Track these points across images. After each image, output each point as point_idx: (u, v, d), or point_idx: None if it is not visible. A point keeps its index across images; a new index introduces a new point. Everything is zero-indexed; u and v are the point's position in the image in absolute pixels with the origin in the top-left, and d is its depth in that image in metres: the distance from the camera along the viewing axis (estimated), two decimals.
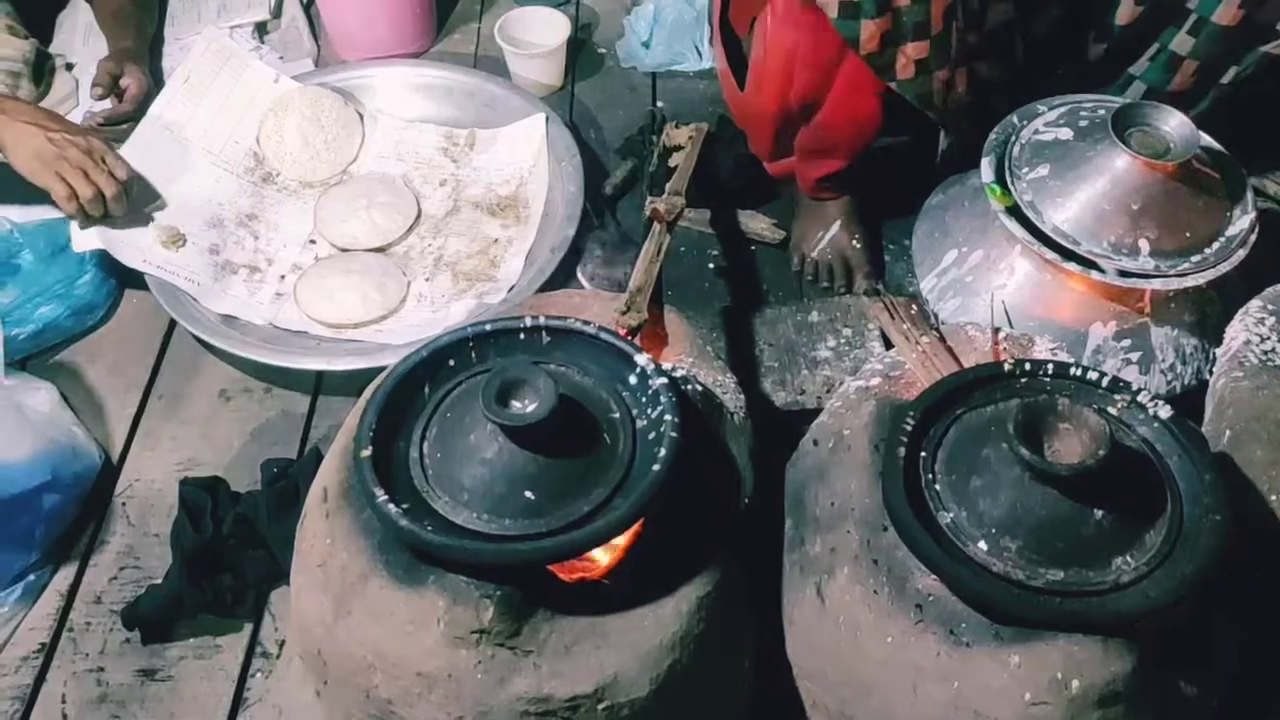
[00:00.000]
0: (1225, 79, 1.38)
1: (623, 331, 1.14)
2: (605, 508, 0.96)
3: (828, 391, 1.41)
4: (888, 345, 1.43)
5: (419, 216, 1.65)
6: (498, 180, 1.69)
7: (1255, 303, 1.22)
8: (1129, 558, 0.94)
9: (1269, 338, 1.18)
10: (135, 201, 1.52)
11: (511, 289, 1.53)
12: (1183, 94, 1.39)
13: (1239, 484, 1.07)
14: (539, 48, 1.83)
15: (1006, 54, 1.37)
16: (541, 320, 1.08)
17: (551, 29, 1.85)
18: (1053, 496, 0.94)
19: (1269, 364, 1.15)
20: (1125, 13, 1.34)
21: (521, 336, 1.08)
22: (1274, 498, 1.04)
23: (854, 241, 1.54)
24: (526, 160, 1.69)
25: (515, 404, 0.97)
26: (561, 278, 1.53)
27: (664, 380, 1.02)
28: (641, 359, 1.04)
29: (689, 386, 1.10)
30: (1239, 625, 1.01)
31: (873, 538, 1.00)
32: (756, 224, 1.64)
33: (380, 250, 1.62)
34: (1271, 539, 1.03)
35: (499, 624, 0.92)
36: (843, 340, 1.47)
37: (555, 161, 1.66)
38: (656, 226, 1.27)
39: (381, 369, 1.07)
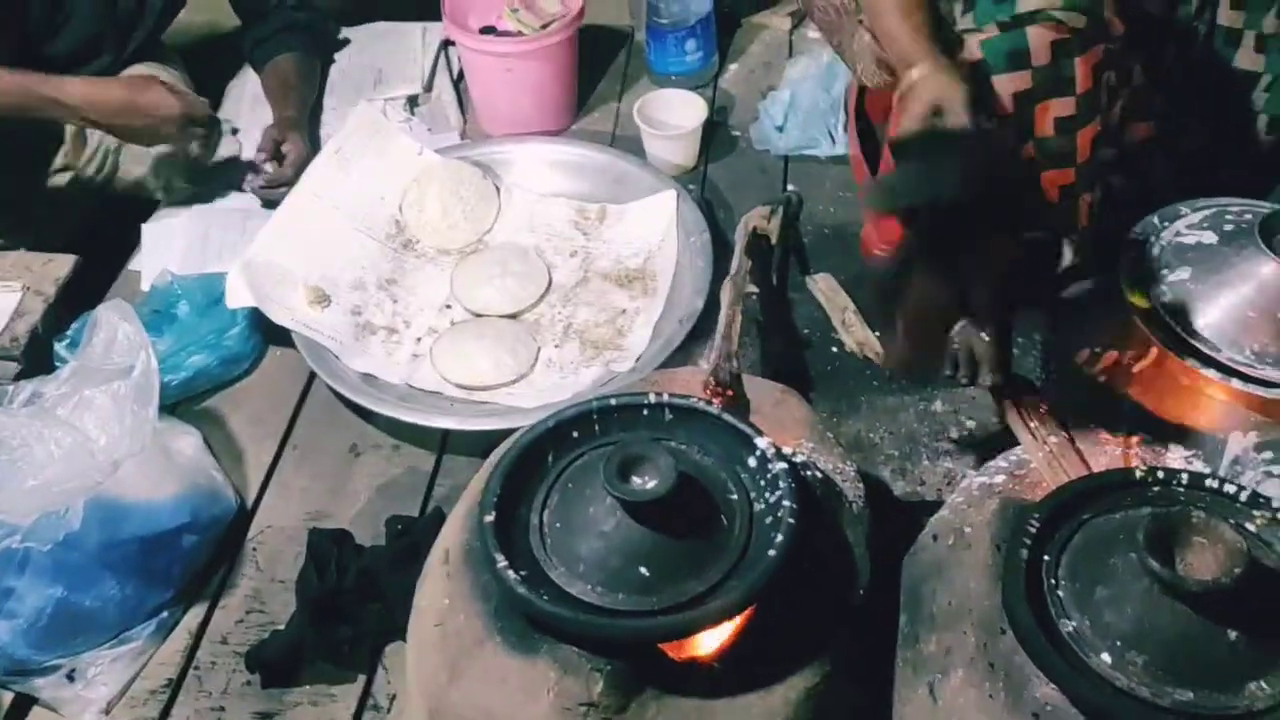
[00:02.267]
0: None
1: (712, 384, 1.19)
2: (719, 589, 0.97)
3: (948, 484, 1.39)
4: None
5: (550, 285, 1.70)
6: (627, 253, 1.74)
7: None
8: (1265, 683, 0.90)
9: None
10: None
11: (639, 359, 1.55)
12: None
13: None
14: (675, 129, 1.87)
15: (1141, 174, 1.36)
16: (665, 398, 1.10)
17: (689, 111, 1.89)
18: (1183, 613, 0.91)
19: None
20: (1264, 138, 1.33)
21: (645, 412, 1.10)
22: None
23: (981, 332, 1.53)
24: (656, 235, 1.73)
25: (635, 479, 0.98)
26: (689, 350, 1.55)
27: (784, 465, 1.03)
28: (762, 442, 1.05)
29: (808, 472, 1.10)
30: None
31: (990, 641, 0.98)
32: (857, 335, 1.62)
33: (512, 317, 1.67)
34: None
35: (607, 698, 0.93)
36: (967, 432, 1.45)
37: (684, 236, 1.69)
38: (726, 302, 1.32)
39: (509, 430, 1.10)
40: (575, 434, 1.09)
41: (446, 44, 2.09)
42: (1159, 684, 0.90)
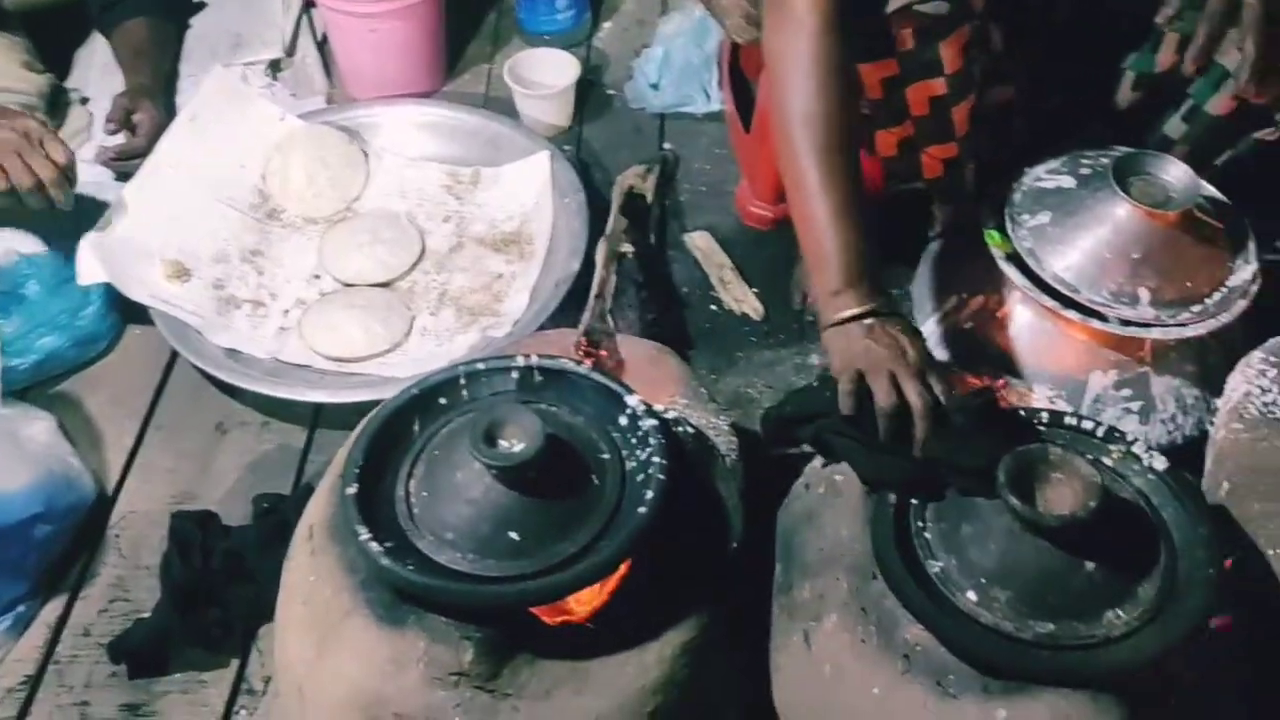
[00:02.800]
0: (1219, 161, 1.37)
1: (584, 344, 1.19)
2: (590, 550, 0.96)
3: None
4: None
5: (423, 252, 1.66)
6: (501, 217, 1.70)
7: (1256, 354, 1.21)
8: (1120, 611, 0.92)
9: (1270, 389, 1.17)
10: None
11: (516, 324, 1.53)
12: None
13: (1236, 537, 1.05)
14: (547, 88, 1.84)
15: (1001, 134, 1.38)
16: (534, 360, 1.08)
17: (561, 70, 1.86)
18: (1044, 548, 0.93)
19: (1269, 416, 1.14)
20: (1124, 97, 1.35)
21: (514, 375, 1.08)
22: (1271, 551, 1.03)
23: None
24: (530, 197, 1.70)
25: (503, 443, 0.96)
26: (567, 313, 1.52)
27: (654, 422, 1.02)
28: (632, 400, 1.04)
29: (680, 428, 1.09)
30: (1238, 678, 0.99)
31: (862, 585, 0.99)
32: (735, 292, 1.62)
33: (384, 285, 1.62)
34: (1268, 592, 1.01)
35: (478, 666, 0.91)
36: None
37: (559, 198, 1.67)
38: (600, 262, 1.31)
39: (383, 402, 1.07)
40: (442, 401, 1.07)
41: (309, 5, 2.01)
42: (1022, 618, 0.92)
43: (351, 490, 0.97)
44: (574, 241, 1.61)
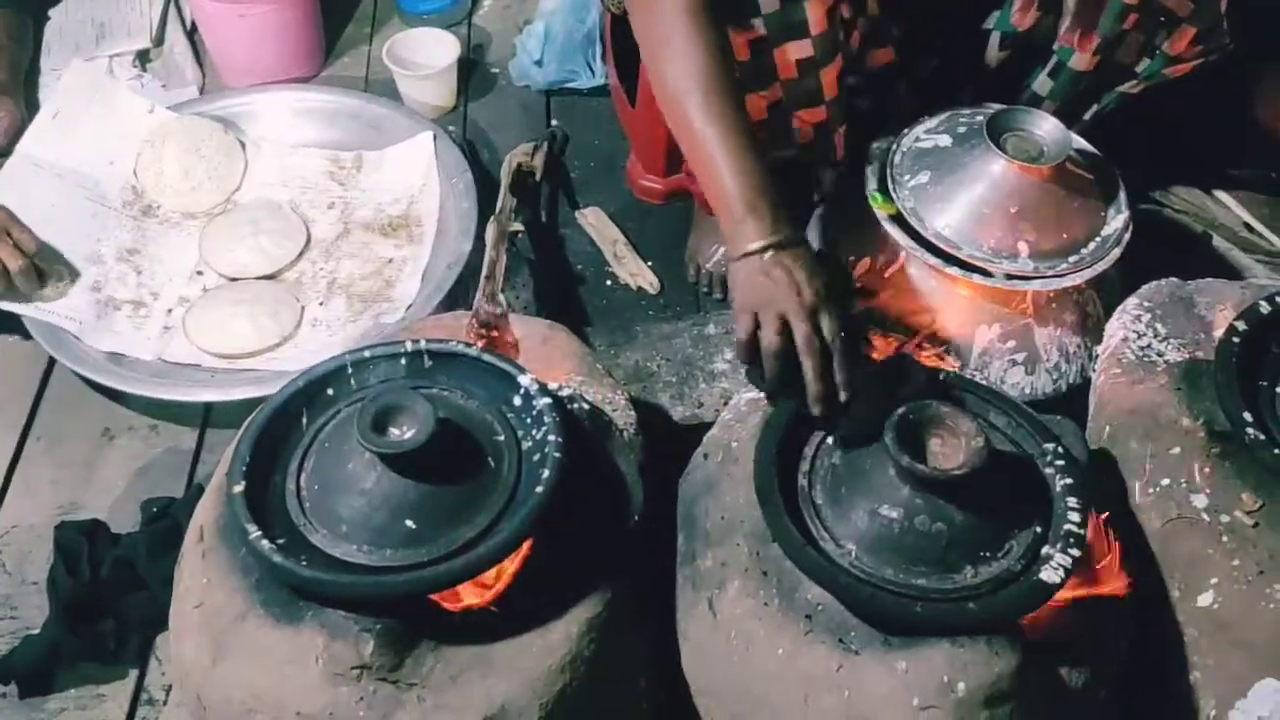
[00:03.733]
0: (1086, 115, 1.41)
1: (475, 326, 1.16)
2: (489, 533, 0.95)
3: (725, 404, 1.41)
4: None
5: (309, 241, 1.62)
6: (387, 200, 1.67)
7: (1132, 300, 1.25)
8: (1008, 557, 0.95)
9: (1145, 334, 1.20)
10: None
11: (409, 308, 1.51)
12: None
13: (1116, 479, 1.08)
14: (428, 69, 1.81)
15: (887, 98, 1.39)
16: (423, 344, 1.06)
17: (441, 50, 1.83)
18: (934, 502, 0.94)
19: (1145, 360, 1.17)
20: (994, 56, 1.38)
21: (403, 361, 1.06)
22: (1150, 490, 1.06)
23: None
24: (416, 179, 1.67)
25: (393, 430, 0.95)
26: (460, 295, 1.50)
27: (548, 400, 1.01)
28: (525, 379, 1.03)
29: (575, 405, 1.09)
30: (1127, 617, 1.02)
31: (762, 549, 1.00)
32: (629, 266, 1.62)
33: (271, 277, 1.58)
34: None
35: (380, 658, 0.89)
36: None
37: (446, 179, 1.64)
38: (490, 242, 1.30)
39: None
40: (330, 391, 1.05)
41: None
42: (915, 570, 0.94)
43: (239, 488, 0.94)
44: (464, 222, 1.59)
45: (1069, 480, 0.97)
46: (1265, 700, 1.01)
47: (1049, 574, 0.92)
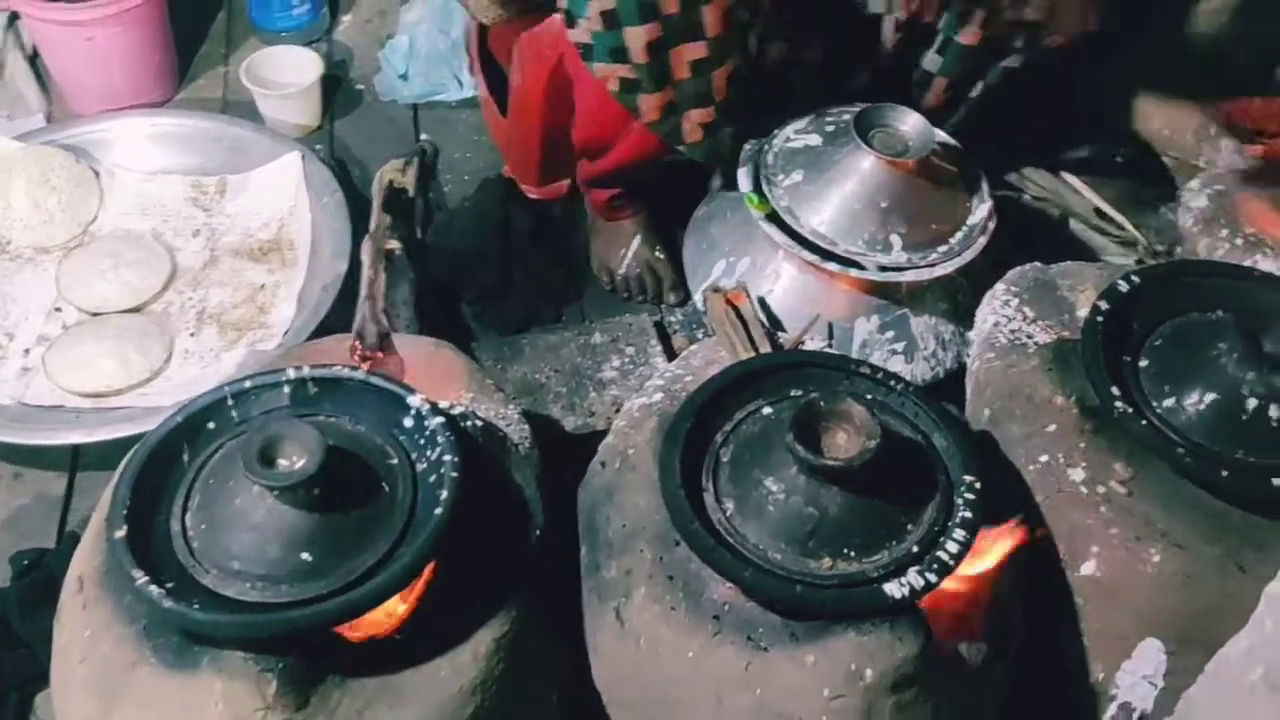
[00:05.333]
0: (974, 93, 1.47)
1: (359, 348, 1.14)
2: (389, 560, 0.93)
3: (617, 411, 1.41)
4: (670, 359, 1.45)
5: (174, 271, 1.56)
6: (256, 225, 1.62)
7: (1000, 286, 1.29)
8: (907, 541, 0.97)
9: (1014, 318, 1.25)
10: None
11: (286, 334, 1.47)
12: (941, 108, 1.48)
13: (1000, 459, 1.12)
14: (290, 87, 1.76)
15: (782, 88, 1.42)
16: (305, 370, 1.03)
17: (303, 67, 1.79)
18: (833, 491, 0.96)
19: (1017, 343, 1.22)
20: (889, 38, 1.43)
21: (286, 390, 1.03)
22: (1031, 468, 1.10)
23: (657, 253, 1.56)
24: (285, 202, 1.62)
25: (281, 461, 0.92)
26: (339, 318, 1.47)
27: (440, 420, 1.00)
28: (415, 400, 1.01)
29: (468, 423, 1.07)
30: (1019, 591, 1.06)
31: (665, 554, 1.00)
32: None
33: (135, 310, 1.52)
34: (1032, 509, 1.08)
35: (284, 698, 0.87)
36: (626, 359, 1.48)
37: (316, 199, 1.61)
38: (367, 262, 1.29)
39: None
40: (211, 425, 1.01)
41: (12, 17, 1.85)
42: (819, 559, 0.95)
43: (120, 533, 0.90)
44: (337, 242, 1.55)
45: (963, 465, 1.00)
46: (1149, 659, 1.06)
47: (945, 555, 0.95)
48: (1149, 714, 1.08)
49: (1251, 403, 1.04)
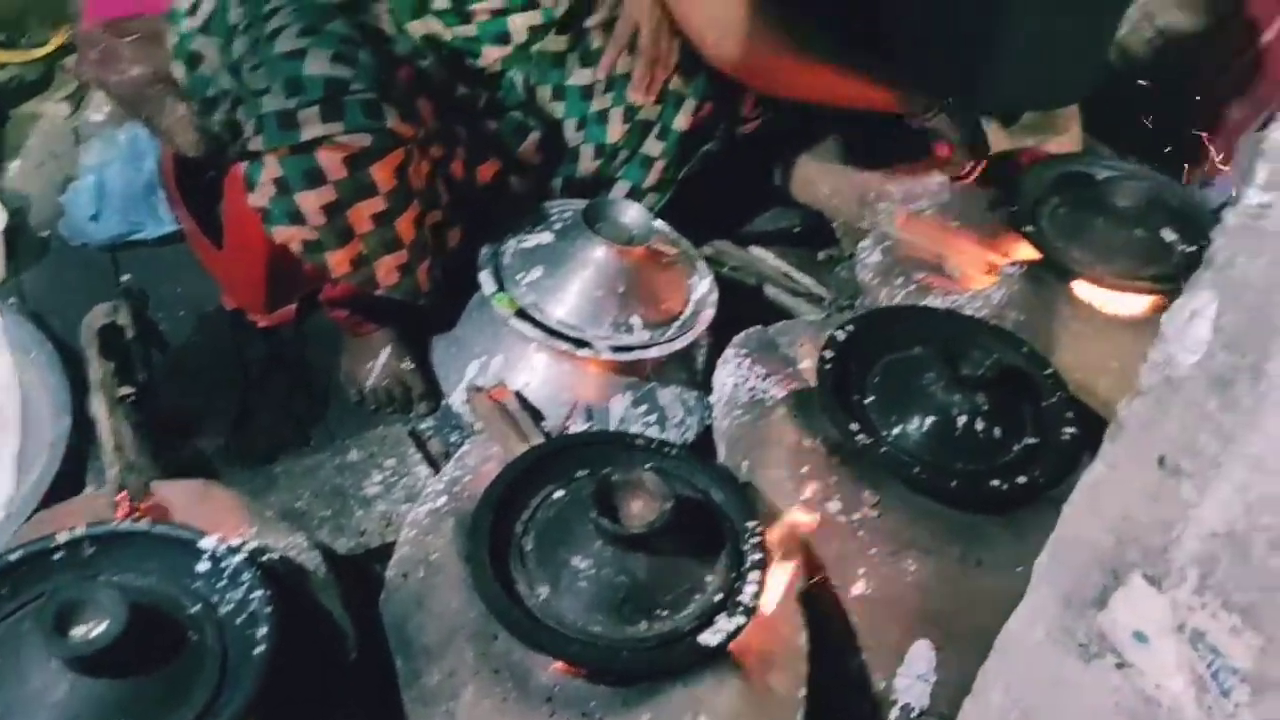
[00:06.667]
0: (683, 173, 1.62)
1: (123, 502, 1.10)
2: (211, 711, 0.89)
3: (388, 526, 1.41)
4: (432, 466, 1.47)
5: None
6: None
7: (730, 350, 1.43)
8: (709, 592, 1.05)
9: (749, 377, 1.38)
10: None
11: (10, 500, 1.35)
12: (655, 188, 1.63)
13: (768, 504, 1.23)
14: None
15: (496, 198, 1.49)
16: (80, 531, 0.98)
17: None
18: (638, 556, 1.03)
19: (756, 399, 1.34)
20: (615, 131, 1.55)
21: (60, 555, 0.97)
22: (793, 509, 1.22)
23: (405, 363, 1.56)
24: None
25: (77, 630, 0.87)
26: (73, 476, 1.37)
27: (240, 558, 0.98)
28: (208, 542, 0.99)
29: (265, 556, 1.05)
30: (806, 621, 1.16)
31: (487, 648, 1.02)
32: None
33: None
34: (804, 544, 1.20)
35: None
36: (388, 471, 1.48)
37: (22, 356, 1.50)
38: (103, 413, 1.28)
39: None
40: None
41: None
42: (635, 623, 1.01)
43: None
44: (55, 398, 1.46)
45: (743, 514, 1.10)
46: (920, 659, 1.19)
47: (745, 599, 1.03)
48: (926, 709, 1.21)
49: (961, 419, 1.21)
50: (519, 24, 1.44)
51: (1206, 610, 0.62)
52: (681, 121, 1.57)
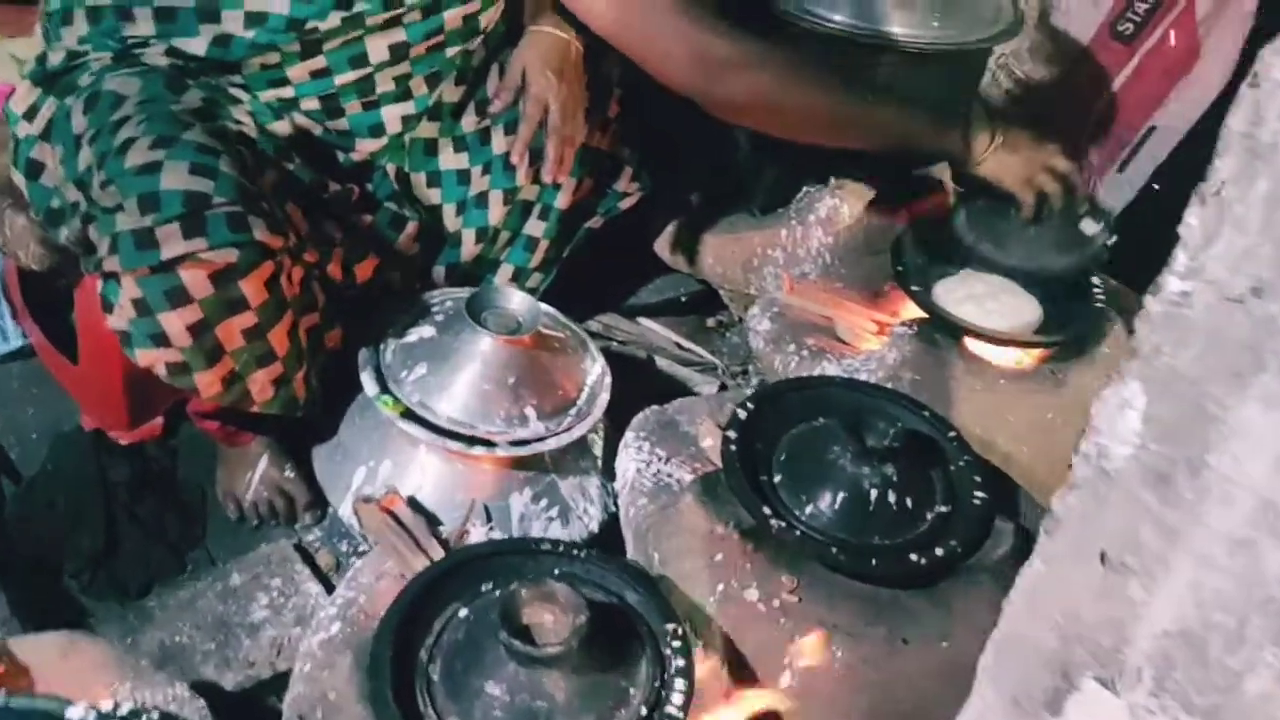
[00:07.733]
0: (566, 252, 1.59)
1: None
2: None
3: (279, 654, 1.31)
4: (324, 583, 1.38)
5: None
6: None
7: (629, 434, 1.38)
8: (633, 705, 0.99)
9: (652, 461, 1.33)
10: None
11: None
12: (539, 268, 1.60)
13: (683, 601, 1.18)
14: None
15: (374, 292, 1.43)
16: None
17: None
18: (554, 675, 0.96)
19: (662, 484, 1.30)
20: (496, 213, 1.52)
21: None
22: (711, 600, 1.17)
23: (286, 472, 1.47)
24: None
25: None
26: None
27: None
28: (76, 712, 0.88)
29: (146, 716, 0.95)
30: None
31: None
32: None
33: None
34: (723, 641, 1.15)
35: None
36: (275, 593, 1.38)
37: None
38: None
39: None
40: None
41: None
42: None
43: None
44: None
45: (661, 615, 1.04)
46: None
47: (673, 710, 0.98)
48: None
49: (873, 493, 1.18)
50: (393, 114, 1.39)
51: (1167, 715, 0.59)
52: (562, 200, 1.55)
